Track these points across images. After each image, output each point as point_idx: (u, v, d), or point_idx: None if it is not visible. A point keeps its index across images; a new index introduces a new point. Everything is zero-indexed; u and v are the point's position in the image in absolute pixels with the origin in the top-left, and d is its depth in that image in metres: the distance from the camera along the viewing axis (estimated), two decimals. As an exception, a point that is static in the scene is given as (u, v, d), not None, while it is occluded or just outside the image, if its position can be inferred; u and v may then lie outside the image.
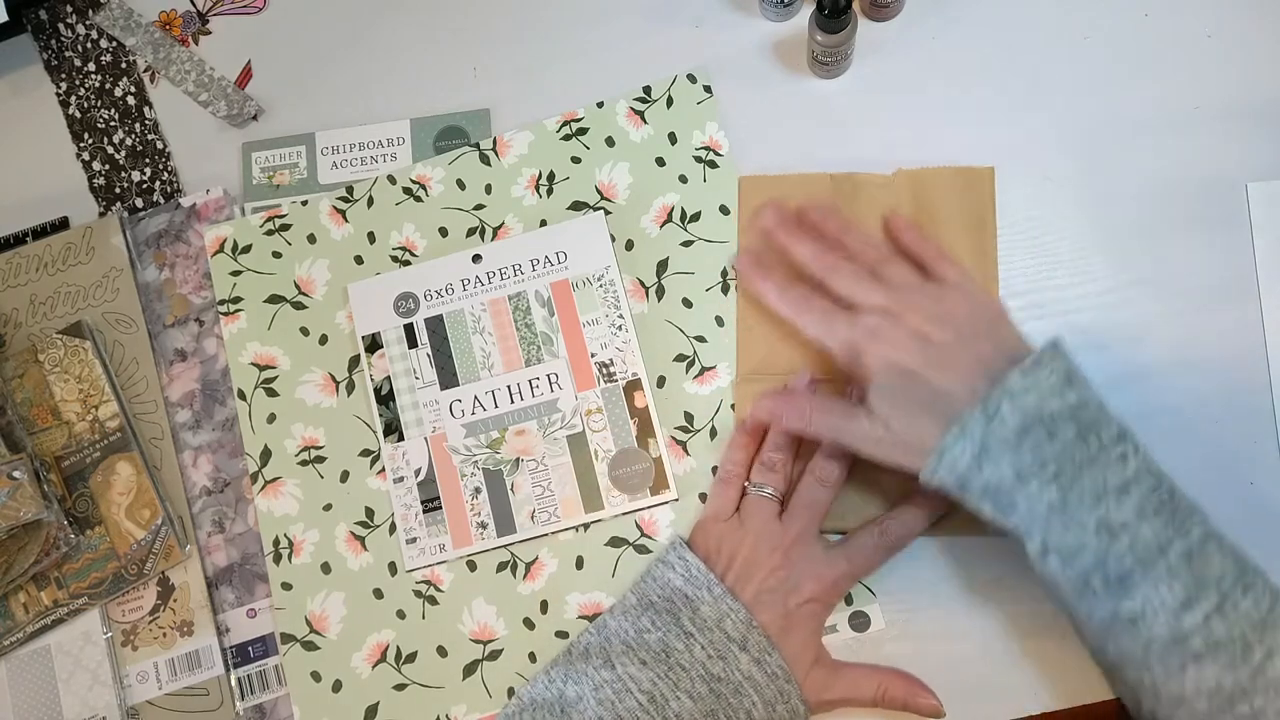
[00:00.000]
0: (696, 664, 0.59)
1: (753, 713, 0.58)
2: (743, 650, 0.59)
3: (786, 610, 0.61)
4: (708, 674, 0.59)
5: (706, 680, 0.58)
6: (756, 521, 0.64)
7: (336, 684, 0.70)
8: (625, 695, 0.59)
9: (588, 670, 0.60)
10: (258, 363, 0.75)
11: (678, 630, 0.60)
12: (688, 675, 0.59)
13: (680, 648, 0.59)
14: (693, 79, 0.76)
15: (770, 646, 0.59)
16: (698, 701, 0.58)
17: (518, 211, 0.75)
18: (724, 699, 0.58)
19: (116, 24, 0.84)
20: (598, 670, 0.60)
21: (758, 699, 0.58)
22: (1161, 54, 0.72)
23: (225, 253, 0.77)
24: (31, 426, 0.75)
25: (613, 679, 0.59)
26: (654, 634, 0.60)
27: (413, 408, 0.73)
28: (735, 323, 0.71)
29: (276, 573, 0.72)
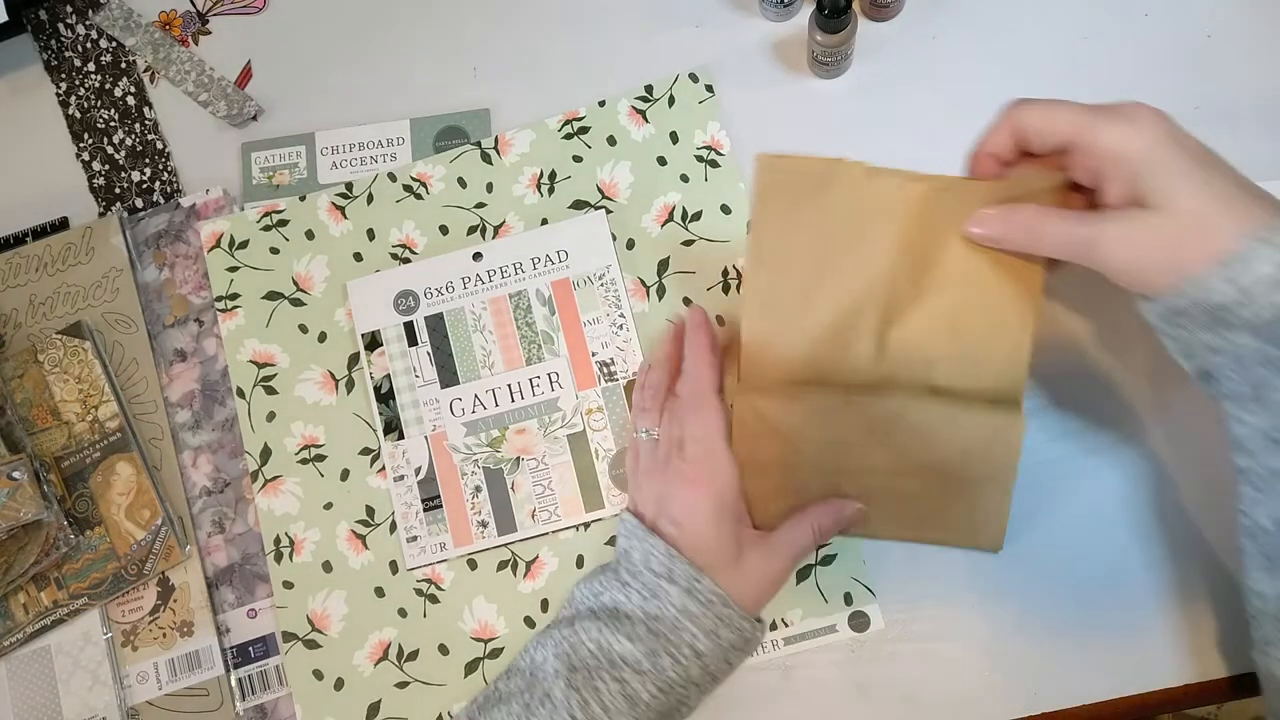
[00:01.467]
0: (636, 609, 0.59)
1: (695, 645, 0.57)
2: (671, 583, 0.58)
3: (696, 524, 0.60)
4: (646, 615, 0.58)
5: (645, 621, 0.58)
6: (645, 460, 0.64)
7: (339, 682, 0.70)
8: (579, 646, 0.59)
9: (553, 633, 0.61)
10: (256, 360, 0.75)
11: (618, 584, 0.60)
12: (630, 621, 0.58)
13: (622, 599, 0.59)
14: (695, 78, 0.76)
15: (696, 573, 0.58)
16: (637, 643, 0.57)
17: (519, 210, 0.75)
18: (663, 637, 0.57)
19: (116, 24, 0.84)
20: (559, 630, 0.61)
21: (696, 630, 0.57)
22: (1161, 54, 0.72)
23: (222, 248, 0.77)
24: (31, 427, 0.75)
25: (570, 634, 0.60)
26: (606, 594, 0.61)
27: (413, 406, 0.73)
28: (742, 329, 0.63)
29: (278, 571, 0.72)
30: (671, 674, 0.57)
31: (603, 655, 0.58)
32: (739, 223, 0.73)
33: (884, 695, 0.65)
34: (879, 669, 0.66)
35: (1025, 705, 0.64)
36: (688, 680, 0.58)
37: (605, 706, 0.57)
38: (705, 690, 0.60)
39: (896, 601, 0.66)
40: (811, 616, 0.67)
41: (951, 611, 0.66)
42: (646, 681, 0.57)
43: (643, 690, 0.57)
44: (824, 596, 0.67)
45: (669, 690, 0.57)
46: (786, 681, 0.66)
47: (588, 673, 0.58)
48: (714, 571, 0.59)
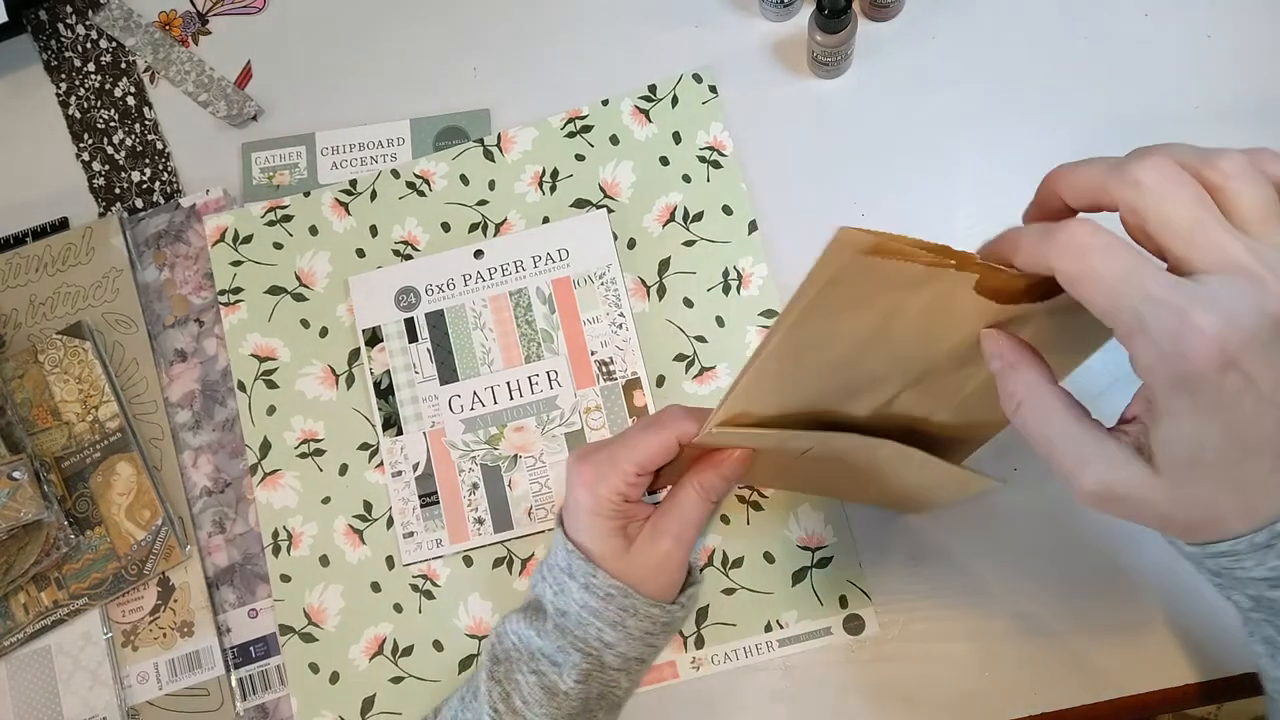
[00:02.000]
0: (549, 604, 0.59)
1: (602, 637, 0.57)
2: (571, 579, 0.58)
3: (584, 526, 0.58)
4: (555, 610, 0.58)
5: (554, 617, 0.58)
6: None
7: (334, 675, 0.70)
8: (504, 638, 0.60)
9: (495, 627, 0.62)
10: (258, 354, 0.75)
11: (539, 576, 0.61)
12: (543, 616, 0.59)
13: (540, 592, 0.60)
14: (698, 78, 0.76)
15: (592, 568, 0.57)
16: (546, 638, 0.58)
17: (520, 208, 0.76)
18: (569, 632, 0.57)
19: (116, 24, 0.84)
20: (499, 622, 0.61)
21: (601, 624, 0.57)
22: (1161, 54, 0.72)
23: (226, 242, 0.77)
24: (31, 427, 0.75)
25: (500, 627, 0.61)
26: (535, 586, 0.61)
27: (412, 402, 0.73)
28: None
29: (275, 564, 0.72)
30: (585, 665, 0.57)
31: (523, 648, 0.58)
32: (740, 223, 0.73)
33: (884, 696, 0.65)
34: (879, 669, 0.66)
35: (1025, 705, 0.64)
36: (604, 667, 0.58)
37: (525, 699, 0.57)
38: (634, 672, 0.60)
39: (896, 602, 0.66)
40: (806, 619, 0.67)
41: (951, 612, 0.66)
42: (562, 673, 0.57)
43: (560, 681, 0.57)
44: (819, 599, 0.67)
45: (586, 680, 0.57)
46: (786, 682, 0.66)
47: (509, 665, 0.58)
48: (607, 563, 0.57)
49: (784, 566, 0.68)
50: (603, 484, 0.56)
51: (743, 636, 0.67)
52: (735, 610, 0.67)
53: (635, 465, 0.56)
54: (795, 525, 0.68)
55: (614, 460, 0.56)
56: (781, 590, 0.67)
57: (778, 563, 0.68)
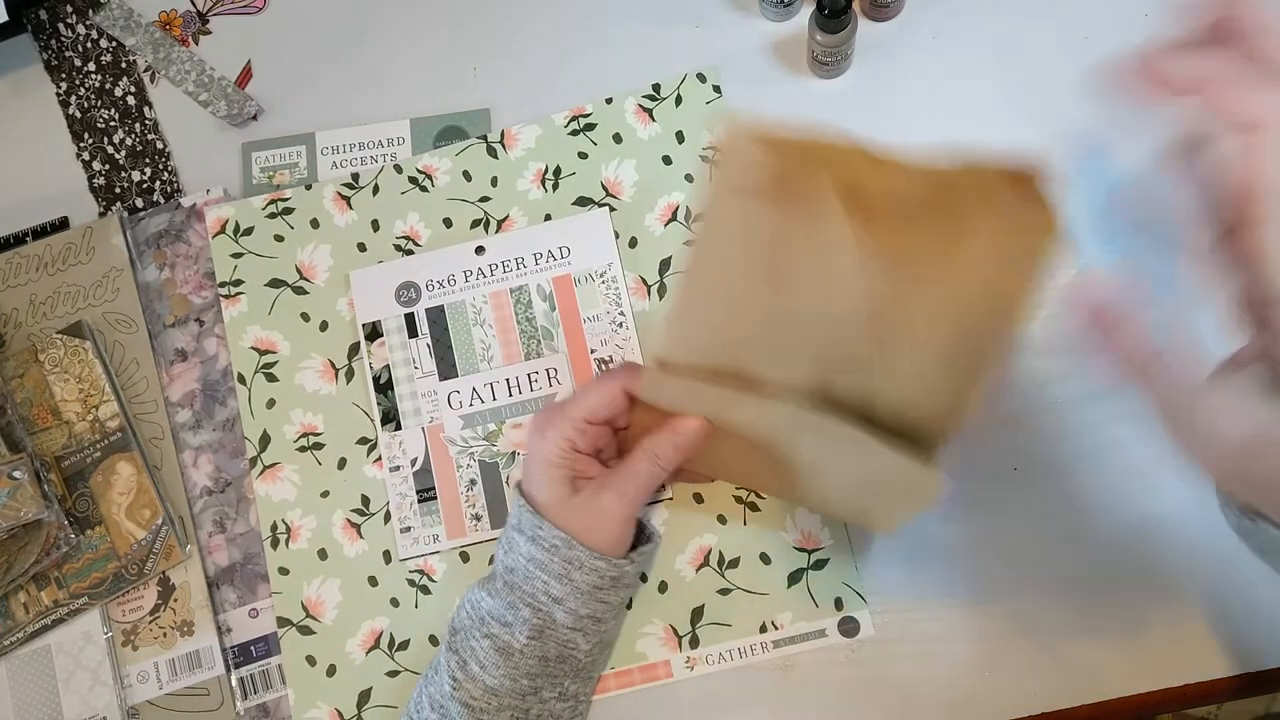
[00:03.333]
0: (499, 564, 0.60)
1: (549, 590, 0.58)
2: (519, 533, 0.59)
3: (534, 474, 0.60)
4: (504, 568, 0.59)
5: (503, 575, 0.59)
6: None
7: (331, 668, 0.70)
8: (460, 610, 0.61)
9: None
10: (258, 347, 0.75)
11: (497, 543, 0.62)
12: (493, 578, 0.60)
13: (494, 557, 0.61)
14: (702, 78, 0.76)
15: (538, 519, 0.58)
16: (496, 597, 0.59)
17: (523, 205, 0.76)
18: (517, 588, 0.58)
19: (116, 24, 0.84)
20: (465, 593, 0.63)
21: (546, 576, 0.58)
22: (1161, 54, 0.72)
23: (226, 234, 0.77)
24: (31, 426, 0.75)
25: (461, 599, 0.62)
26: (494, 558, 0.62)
27: (411, 397, 0.73)
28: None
29: (274, 557, 0.72)
30: (535, 621, 0.58)
31: (474, 614, 0.59)
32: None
33: (883, 695, 0.65)
34: (878, 669, 0.66)
35: (1025, 705, 0.64)
36: (556, 624, 0.58)
37: (482, 664, 0.58)
38: (590, 632, 0.60)
39: (893, 603, 0.66)
40: (801, 620, 0.67)
41: (950, 612, 0.66)
42: (514, 632, 0.58)
43: (513, 640, 0.57)
44: (815, 601, 0.67)
45: (541, 636, 0.58)
46: (785, 682, 0.66)
47: (464, 634, 0.59)
48: (549, 510, 0.59)
49: (780, 567, 0.68)
50: (551, 429, 0.59)
51: (738, 637, 0.67)
52: (730, 610, 0.67)
53: (582, 411, 0.59)
54: (792, 526, 0.68)
55: (563, 409, 0.60)
56: (777, 591, 0.67)
57: (774, 564, 0.68)
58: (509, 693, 0.57)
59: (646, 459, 0.58)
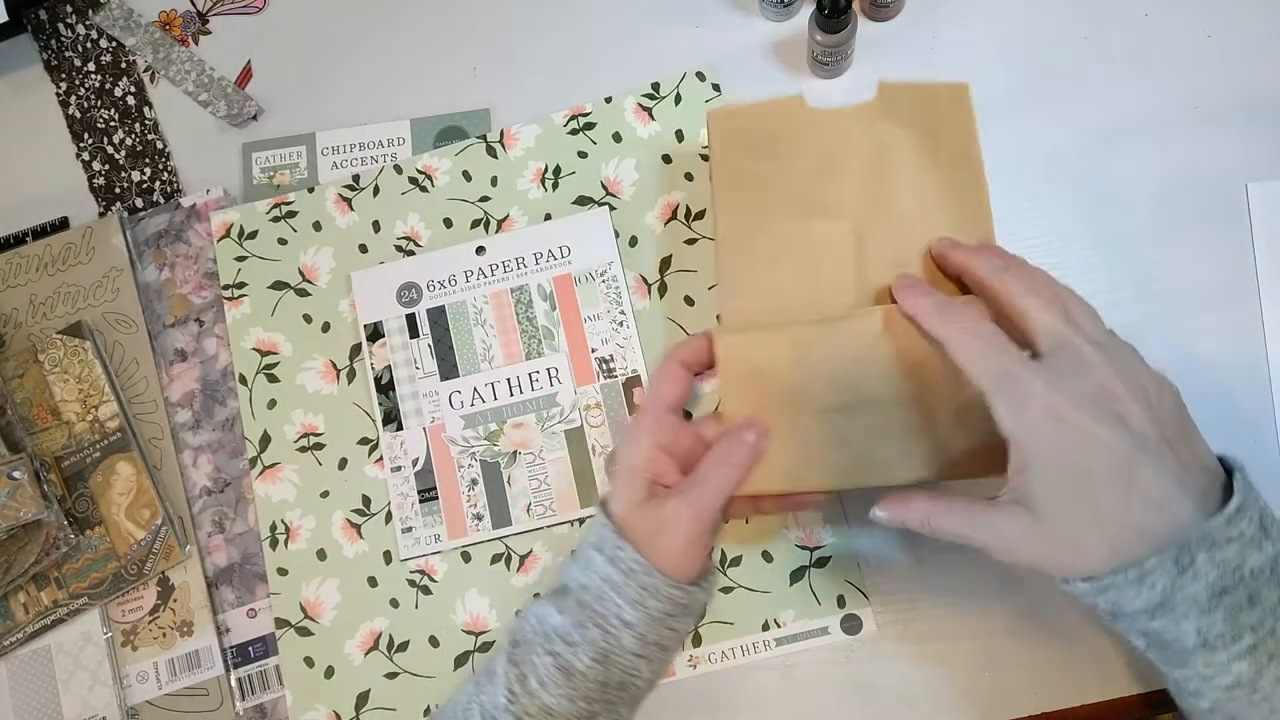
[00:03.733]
0: (573, 580, 0.58)
1: (621, 615, 0.56)
2: (598, 552, 0.57)
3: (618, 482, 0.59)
4: (578, 586, 0.58)
5: (575, 593, 0.58)
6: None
7: (329, 670, 0.70)
8: (524, 620, 0.59)
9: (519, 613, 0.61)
10: (260, 348, 0.75)
11: (570, 558, 0.60)
12: (565, 594, 0.58)
13: (566, 571, 0.59)
14: (702, 77, 0.76)
15: (620, 541, 0.57)
16: (566, 615, 0.57)
17: (523, 204, 0.76)
18: (588, 608, 0.57)
19: (116, 24, 0.84)
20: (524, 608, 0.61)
21: (621, 600, 0.56)
22: (1161, 54, 0.72)
23: (231, 238, 0.77)
24: (31, 426, 0.75)
25: (524, 610, 0.60)
26: (563, 571, 0.60)
27: (412, 398, 0.73)
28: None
29: (273, 558, 0.72)
30: (602, 644, 0.56)
31: (539, 629, 0.58)
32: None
33: (884, 695, 0.65)
34: (879, 669, 0.66)
35: (1025, 705, 0.64)
36: (622, 650, 0.57)
37: (542, 680, 0.56)
38: (654, 660, 0.59)
39: (895, 602, 0.66)
40: (804, 618, 0.67)
41: (951, 611, 0.66)
42: (579, 652, 0.56)
43: (576, 661, 0.56)
44: (817, 599, 0.67)
45: (605, 660, 0.56)
46: (786, 681, 0.66)
47: (527, 647, 0.58)
48: (624, 520, 0.57)
49: (782, 565, 0.68)
50: (636, 430, 0.59)
51: (740, 635, 0.67)
52: (733, 609, 0.67)
53: (656, 401, 0.59)
54: (794, 524, 0.68)
55: (643, 410, 0.60)
56: (779, 589, 0.67)
57: (776, 562, 0.68)
58: (565, 714, 0.56)
59: (714, 461, 0.57)
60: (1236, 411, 0.66)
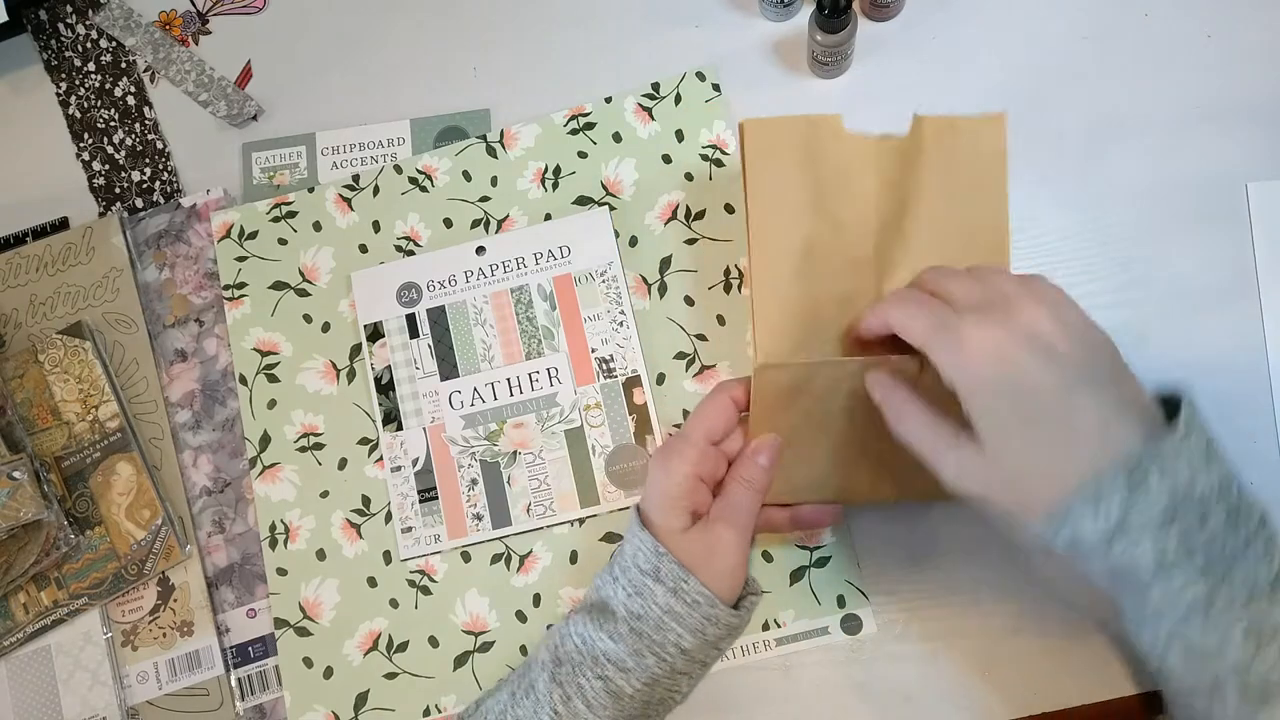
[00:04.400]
0: (620, 606, 0.58)
1: (681, 643, 0.57)
2: (657, 582, 0.58)
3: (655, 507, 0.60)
4: (630, 614, 0.58)
5: (628, 620, 0.58)
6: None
7: (328, 670, 0.70)
8: (567, 639, 0.59)
9: (556, 626, 0.61)
10: (260, 348, 0.75)
11: (610, 577, 0.60)
12: (614, 619, 0.58)
13: (610, 594, 0.59)
14: (702, 77, 0.76)
15: (684, 573, 0.57)
16: (619, 642, 0.57)
17: (523, 204, 0.76)
18: (646, 636, 0.57)
19: (116, 24, 0.84)
20: (561, 623, 0.61)
21: (682, 630, 0.57)
22: (1161, 54, 0.72)
23: (231, 238, 0.77)
24: (31, 426, 0.75)
25: (562, 626, 0.60)
26: (603, 587, 0.60)
27: (412, 398, 0.73)
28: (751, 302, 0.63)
29: (272, 558, 0.72)
30: (656, 670, 0.57)
31: (586, 651, 0.58)
32: (742, 222, 0.73)
33: (884, 695, 0.65)
34: (879, 669, 0.66)
35: (1025, 705, 0.64)
36: (674, 672, 0.58)
37: (589, 702, 0.57)
38: (696, 677, 0.60)
39: (895, 602, 0.66)
40: (804, 618, 0.67)
41: (951, 612, 0.66)
42: (630, 678, 0.57)
43: (626, 685, 0.57)
44: (817, 599, 0.67)
45: (654, 684, 0.57)
46: (786, 681, 0.66)
47: (572, 668, 0.58)
48: (671, 544, 0.58)
49: (782, 565, 0.68)
50: (675, 458, 0.59)
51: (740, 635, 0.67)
52: (735, 609, 0.67)
53: (702, 433, 0.59)
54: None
55: (684, 437, 0.59)
56: (779, 589, 0.67)
57: (776, 561, 0.68)
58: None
59: (738, 484, 0.59)
60: (1236, 411, 0.66)
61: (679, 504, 0.58)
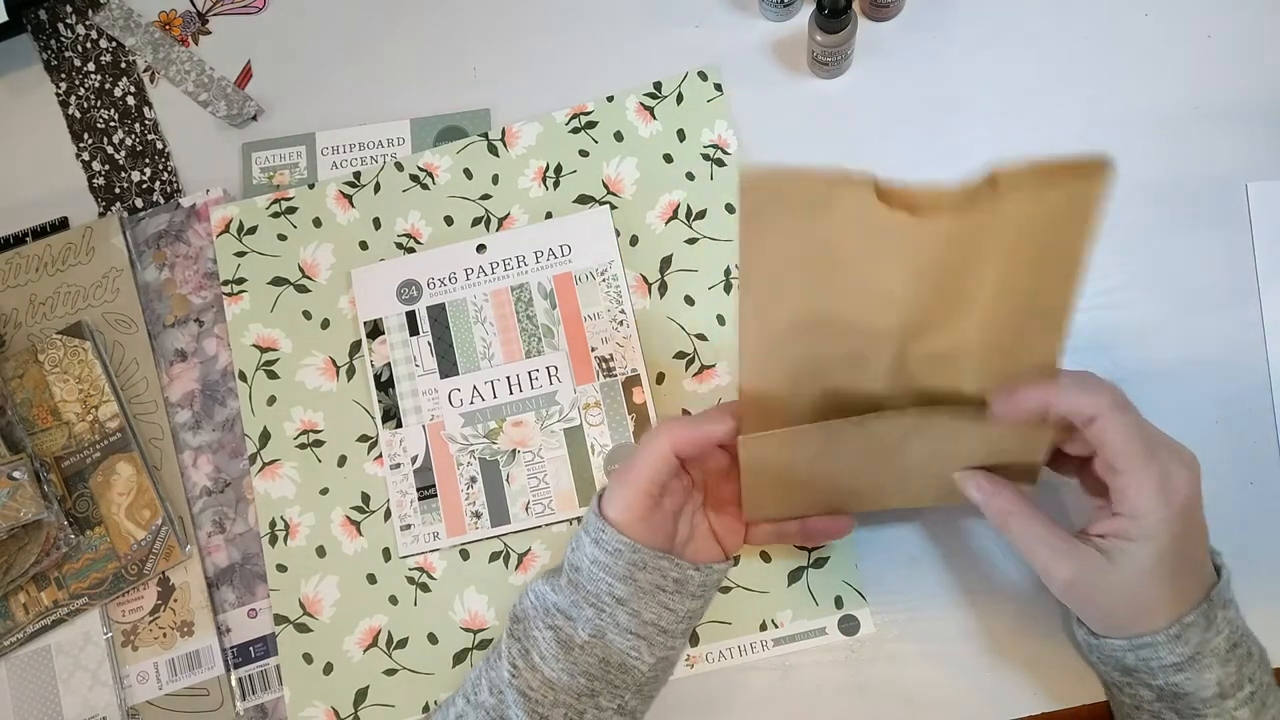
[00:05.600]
0: (565, 561, 0.61)
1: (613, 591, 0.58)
2: (585, 533, 0.60)
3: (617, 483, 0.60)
4: (570, 565, 0.60)
5: (568, 572, 0.60)
6: None
7: (328, 666, 0.70)
8: (524, 598, 0.61)
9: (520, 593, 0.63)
10: (259, 345, 0.75)
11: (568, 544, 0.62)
12: (559, 573, 0.61)
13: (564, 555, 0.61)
14: (704, 76, 0.76)
15: (602, 523, 0.58)
16: (561, 593, 0.59)
17: (524, 203, 0.76)
18: (581, 587, 0.59)
19: (116, 24, 0.84)
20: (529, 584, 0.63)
21: (610, 578, 0.58)
22: (1161, 54, 0.72)
23: (231, 233, 0.77)
24: (31, 426, 0.75)
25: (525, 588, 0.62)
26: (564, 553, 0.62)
27: (412, 395, 0.73)
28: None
29: (272, 554, 0.72)
30: (598, 621, 0.58)
31: (538, 604, 0.60)
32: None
33: (884, 695, 0.65)
34: (878, 669, 0.65)
35: (1025, 705, 0.64)
36: (618, 627, 0.58)
37: (543, 654, 0.58)
38: (655, 643, 0.59)
39: (894, 602, 0.66)
40: (801, 618, 0.67)
41: (951, 612, 0.66)
42: (576, 628, 0.58)
43: (575, 634, 0.58)
44: (815, 599, 0.67)
45: (601, 636, 0.58)
46: (786, 681, 0.66)
47: (527, 623, 0.59)
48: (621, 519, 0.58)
49: (780, 566, 0.68)
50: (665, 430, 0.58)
51: (737, 635, 0.67)
52: (730, 609, 0.67)
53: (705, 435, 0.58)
54: (795, 524, 0.68)
55: (693, 420, 0.58)
56: (777, 589, 0.67)
57: (774, 562, 0.68)
58: (566, 689, 0.57)
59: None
60: (1237, 411, 0.66)
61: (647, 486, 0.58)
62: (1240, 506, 0.64)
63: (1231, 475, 0.65)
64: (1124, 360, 0.67)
